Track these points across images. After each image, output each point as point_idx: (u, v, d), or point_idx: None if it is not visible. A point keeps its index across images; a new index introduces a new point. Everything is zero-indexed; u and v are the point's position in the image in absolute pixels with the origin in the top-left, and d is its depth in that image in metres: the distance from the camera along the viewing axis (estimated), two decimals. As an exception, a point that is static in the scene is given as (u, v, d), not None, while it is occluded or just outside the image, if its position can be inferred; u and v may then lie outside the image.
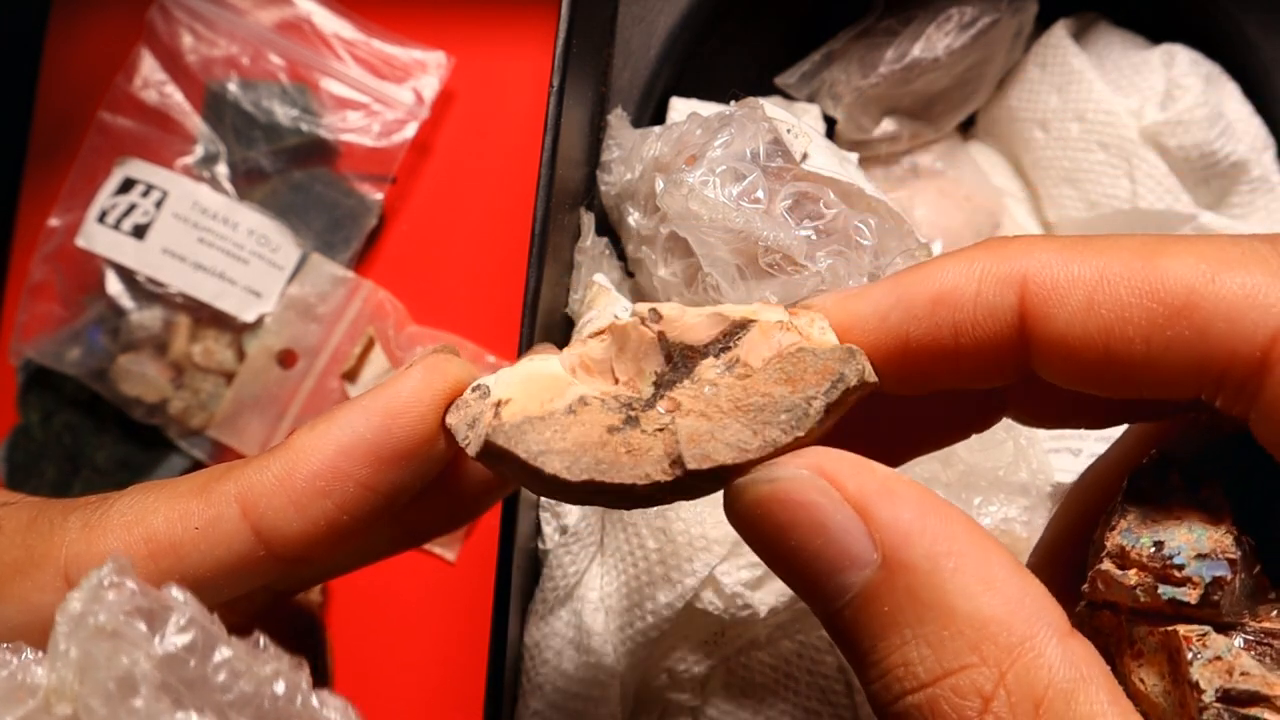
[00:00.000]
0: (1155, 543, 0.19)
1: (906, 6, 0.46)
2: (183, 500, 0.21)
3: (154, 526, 0.21)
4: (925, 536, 0.17)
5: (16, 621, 0.21)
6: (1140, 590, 0.18)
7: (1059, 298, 0.19)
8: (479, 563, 0.49)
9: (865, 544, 0.18)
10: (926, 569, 0.17)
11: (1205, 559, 0.18)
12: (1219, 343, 0.17)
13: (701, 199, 0.32)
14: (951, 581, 0.17)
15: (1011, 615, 0.17)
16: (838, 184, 0.32)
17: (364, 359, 0.50)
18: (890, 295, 0.20)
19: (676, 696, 0.37)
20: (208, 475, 0.22)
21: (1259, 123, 0.45)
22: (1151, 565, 0.18)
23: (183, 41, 0.52)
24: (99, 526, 0.21)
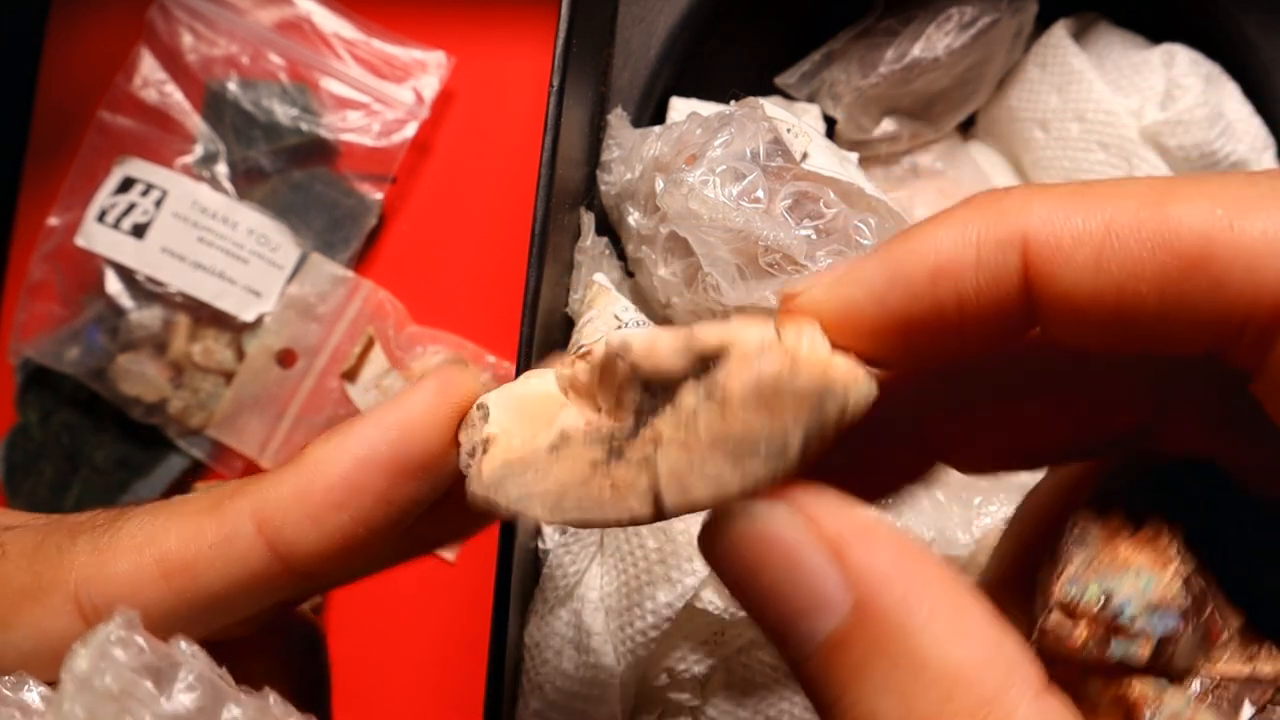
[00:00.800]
0: (1103, 593, 0.18)
1: (906, 6, 0.46)
2: (195, 518, 0.21)
3: (166, 546, 0.21)
4: (900, 583, 0.17)
5: (26, 648, 0.21)
6: (1089, 647, 0.18)
7: (1064, 256, 0.17)
8: (479, 563, 0.49)
9: (838, 588, 0.17)
10: (899, 617, 0.16)
11: (1155, 610, 0.17)
12: (1239, 293, 0.16)
13: (701, 199, 0.32)
14: (924, 631, 0.16)
15: (984, 670, 0.16)
16: (838, 184, 0.32)
17: (364, 359, 0.50)
18: (884, 273, 0.19)
19: (677, 696, 0.37)
20: (220, 493, 0.22)
21: (1259, 123, 0.45)
22: (1100, 619, 0.18)
23: (183, 41, 0.52)
24: (109, 549, 0.21)
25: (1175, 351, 0.18)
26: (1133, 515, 0.19)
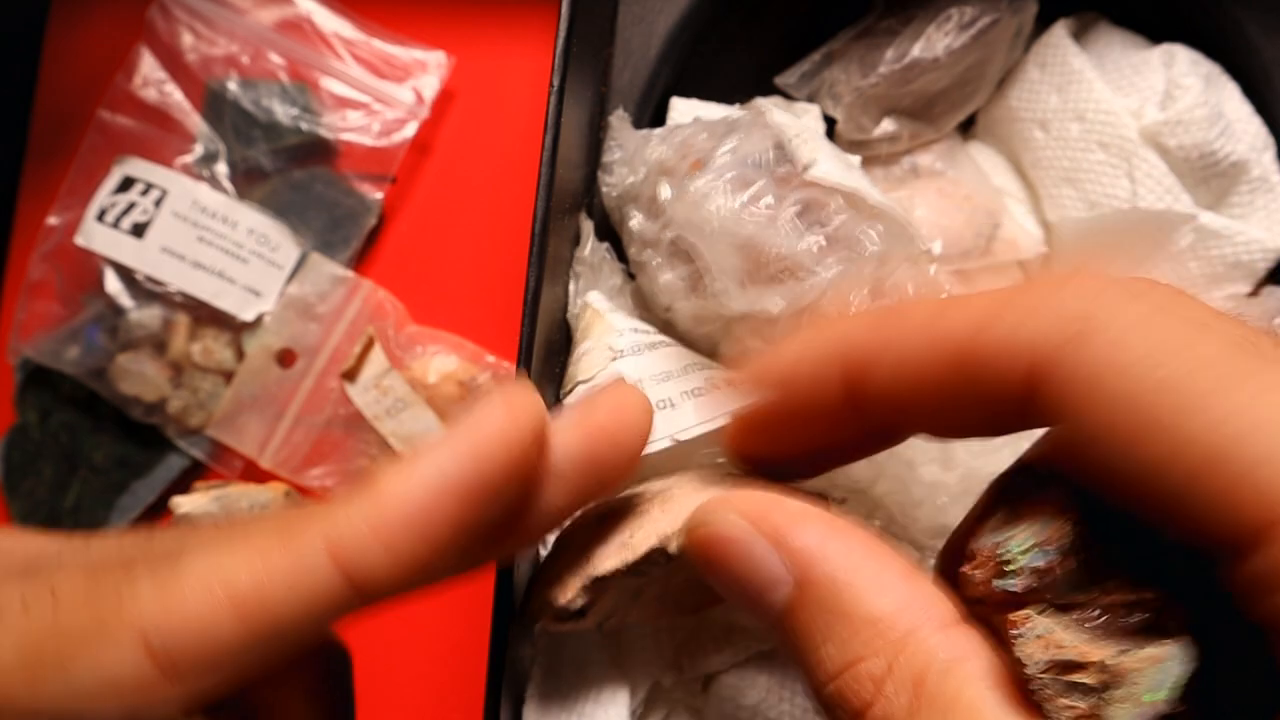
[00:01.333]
0: (995, 541, 0.21)
1: (906, 6, 0.46)
2: (265, 551, 0.21)
3: (238, 582, 0.20)
4: (828, 556, 0.21)
5: (91, 690, 0.20)
6: (982, 586, 0.21)
7: (872, 364, 0.22)
8: (479, 562, 0.49)
9: (780, 568, 0.21)
10: (829, 582, 0.21)
11: (1032, 550, 0.20)
12: (993, 385, 0.20)
13: (709, 207, 0.32)
14: (849, 590, 0.21)
15: (899, 613, 0.20)
16: (844, 191, 0.32)
17: (364, 359, 0.50)
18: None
19: (681, 697, 0.37)
20: (286, 521, 0.21)
21: (1259, 123, 0.45)
22: (990, 563, 0.21)
23: (182, 40, 0.52)
24: (175, 587, 0.20)
25: (989, 426, 0.22)
26: (1038, 481, 0.21)
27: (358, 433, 0.50)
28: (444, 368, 0.50)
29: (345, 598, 0.21)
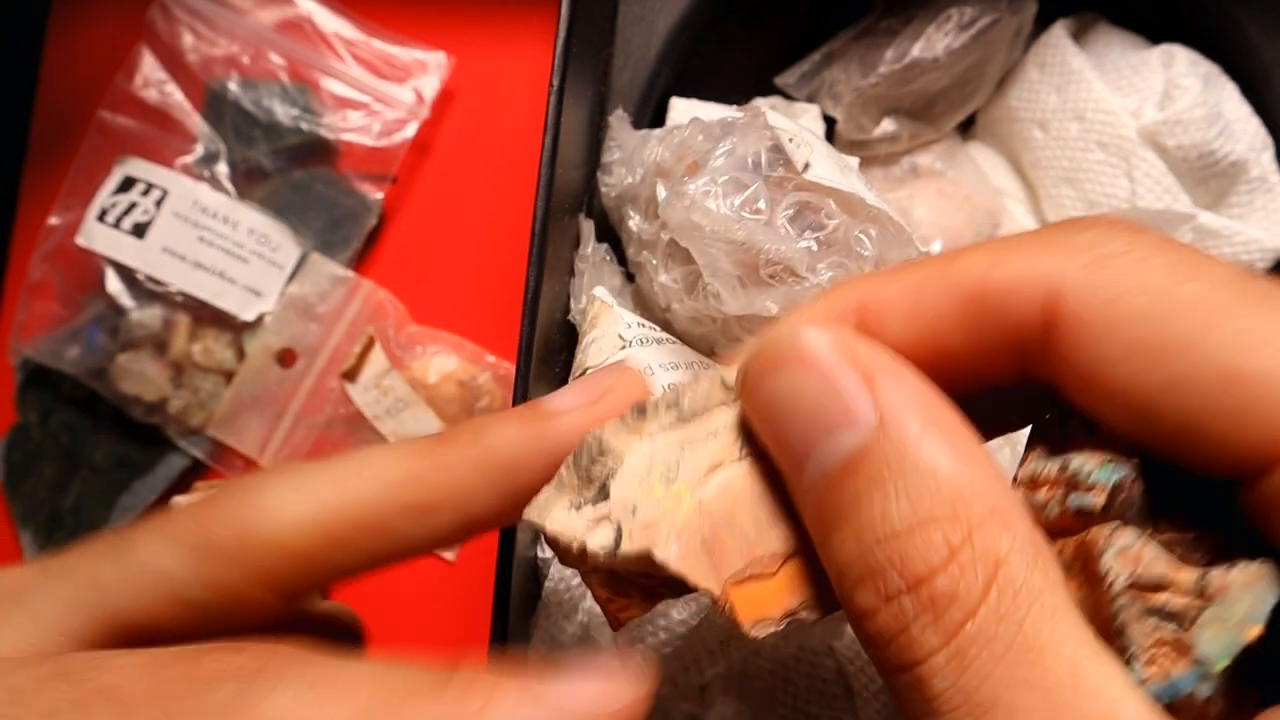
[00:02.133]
0: (1061, 463, 0.20)
1: (906, 6, 0.46)
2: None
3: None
4: (920, 407, 0.19)
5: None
6: (1053, 503, 0.20)
7: (886, 316, 0.21)
8: (478, 563, 0.49)
9: (867, 406, 0.19)
10: (917, 434, 0.19)
11: (1106, 465, 0.19)
12: (1010, 317, 0.20)
13: (703, 210, 0.32)
14: (938, 448, 0.18)
15: (987, 488, 0.18)
16: (839, 194, 0.32)
17: (364, 358, 0.50)
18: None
19: (679, 704, 0.37)
20: (381, 702, 0.19)
21: (1258, 123, 0.45)
22: (1059, 481, 0.20)
23: (183, 40, 0.52)
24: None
25: (997, 377, 0.21)
26: (1087, 424, 0.21)
27: (358, 432, 0.50)
28: (444, 368, 0.50)
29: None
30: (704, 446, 0.22)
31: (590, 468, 0.22)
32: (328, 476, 0.23)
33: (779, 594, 0.21)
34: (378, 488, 0.23)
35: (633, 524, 0.21)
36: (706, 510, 0.22)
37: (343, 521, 0.23)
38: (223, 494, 0.24)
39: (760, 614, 0.21)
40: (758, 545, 0.21)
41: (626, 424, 0.23)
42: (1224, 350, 0.18)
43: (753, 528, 0.22)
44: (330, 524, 0.23)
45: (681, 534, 0.21)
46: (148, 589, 0.23)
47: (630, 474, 0.22)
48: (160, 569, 0.23)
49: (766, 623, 0.21)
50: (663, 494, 0.22)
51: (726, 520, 0.22)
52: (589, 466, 0.22)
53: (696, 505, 0.22)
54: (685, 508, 0.22)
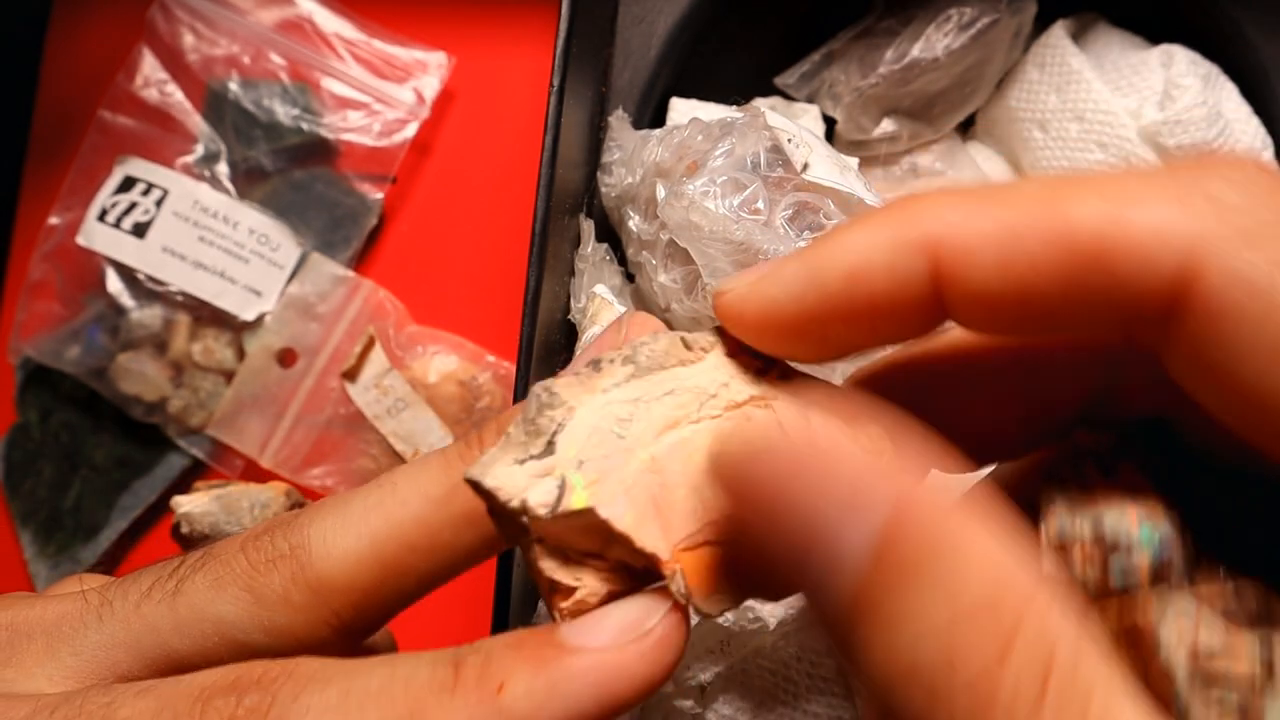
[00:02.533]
0: (1093, 523, 0.18)
1: (906, 6, 0.46)
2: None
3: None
4: (940, 486, 0.17)
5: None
6: (1091, 570, 0.18)
7: (970, 259, 0.18)
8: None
9: (883, 479, 0.17)
10: (941, 514, 0.16)
11: (1145, 524, 0.18)
12: (1132, 284, 0.17)
13: (702, 210, 0.32)
14: (966, 528, 0.16)
15: (1023, 569, 0.16)
16: (838, 194, 0.32)
17: (364, 358, 0.50)
18: (802, 275, 0.20)
19: (680, 703, 0.37)
20: (393, 718, 0.19)
21: (1258, 123, 0.45)
22: (1095, 545, 0.18)
23: (183, 40, 0.52)
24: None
25: (1087, 338, 0.19)
26: (1103, 466, 0.19)
27: (358, 432, 0.50)
28: (444, 367, 0.50)
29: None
30: (660, 404, 0.21)
31: (537, 418, 0.20)
32: (368, 504, 0.23)
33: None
34: (421, 506, 0.23)
35: (577, 478, 0.20)
36: (659, 468, 0.20)
37: (395, 547, 0.23)
38: (268, 536, 0.23)
39: (713, 586, 0.20)
40: (714, 508, 0.20)
41: (581, 378, 0.21)
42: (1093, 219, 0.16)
43: (708, 490, 0.20)
44: (382, 553, 0.23)
45: (630, 491, 0.20)
46: (205, 634, 0.22)
47: (579, 427, 0.20)
48: (215, 614, 0.22)
49: (720, 598, 0.20)
50: (612, 449, 0.20)
51: (680, 481, 0.20)
52: (535, 418, 0.20)
53: (648, 462, 0.20)
54: (636, 464, 0.20)
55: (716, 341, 0.22)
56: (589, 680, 0.19)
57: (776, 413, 0.21)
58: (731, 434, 0.19)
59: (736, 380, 0.21)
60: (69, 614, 0.23)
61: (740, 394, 0.21)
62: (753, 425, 0.20)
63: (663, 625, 0.19)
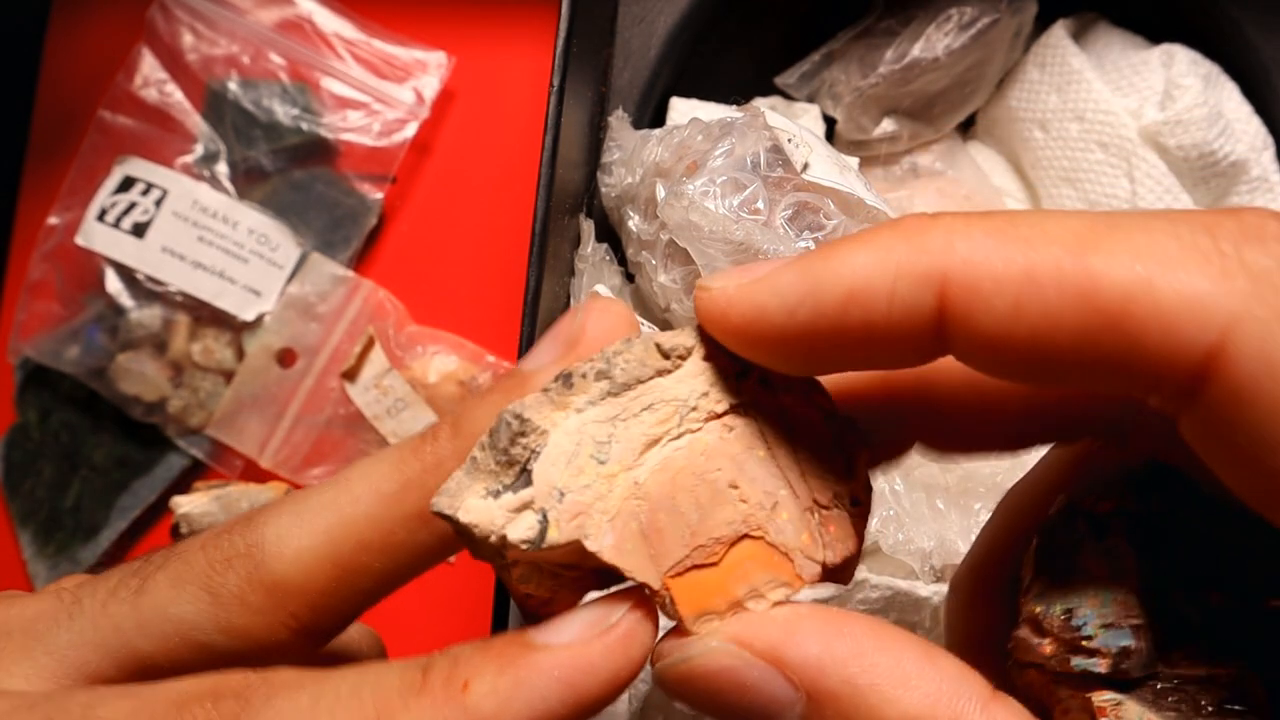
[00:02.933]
0: (1065, 611, 0.19)
1: (906, 6, 0.46)
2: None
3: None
4: (835, 663, 0.18)
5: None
6: (1055, 660, 0.19)
7: (982, 300, 0.17)
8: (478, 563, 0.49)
9: (785, 688, 0.18)
10: (847, 692, 0.18)
11: (1112, 629, 0.19)
12: (1155, 354, 0.16)
13: (702, 210, 0.32)
14: (871, 695, 0.18)
15: (934, 706, 0.18)
16: (838, 194, 0.32)
17: (364, 358, 0.50)
18: (798, 288, 0.19)
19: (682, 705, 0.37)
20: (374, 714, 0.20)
21: (1258, 123, 0.45)
22: (1063, 636, 0.19)
23: (183, 40, 0.52)
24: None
25: (1093, 395, 0.19)
26: (1095, 526, 0.20)
27: (358, 432, 0.50)
28: (444, 368, 0.50)
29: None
30: (639, 421, 0.20)
31: (509, 448, 0.19)
32: (321, 502, 0.23)
33: (723, 583, 0.20)
34: (373, 504, 0.22)
35: (560, 511, 0.19)
36: (643, 493, 0.20)
37: (349, 547, 0.22)
38: (227, 533, 0.23)
39: (703, 606, 0.20)
40: (700, 531, 0.20)
41: (551, 396, 0.20)
42: (1122, 278, 0.16)
43: (694, 511, 0.20)
44: (337, 553, 0.22)
45: (615, 521, 0.19)
46: (166, 634, 0.22)
47: (556, 454, 0.19)
48: (176, 615, 0.22)
49: (710, 618, 0.20)
50: (593, 476, 0.19)
51: (666, 504, 0.20)
52: (508, 447, 0.20)
53: (632, 488, 0.20)
54: (619, 491, 0.19)
55: (694, 344, 0.21)
56: (554, 676, 0.19)
57: (759, 423, 0.20)
58: (665, 640, 0.20)
59: (716, 389, 0.20)
60: (44, 613, 0.23)
61: (720, 404, 0.20)
62: (695, 657, 0.20)
63: (627, 620, 0.19)
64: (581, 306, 0.23)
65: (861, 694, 0.18)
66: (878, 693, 0.18)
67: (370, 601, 0.23)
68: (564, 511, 0.19)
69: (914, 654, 0.18)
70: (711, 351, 0.21)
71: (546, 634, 0.20)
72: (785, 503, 0.20)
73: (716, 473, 0.20)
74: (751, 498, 0.20)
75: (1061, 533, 0.20)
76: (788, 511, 0.20)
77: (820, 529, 0.20)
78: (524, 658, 0.19)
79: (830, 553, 0.20)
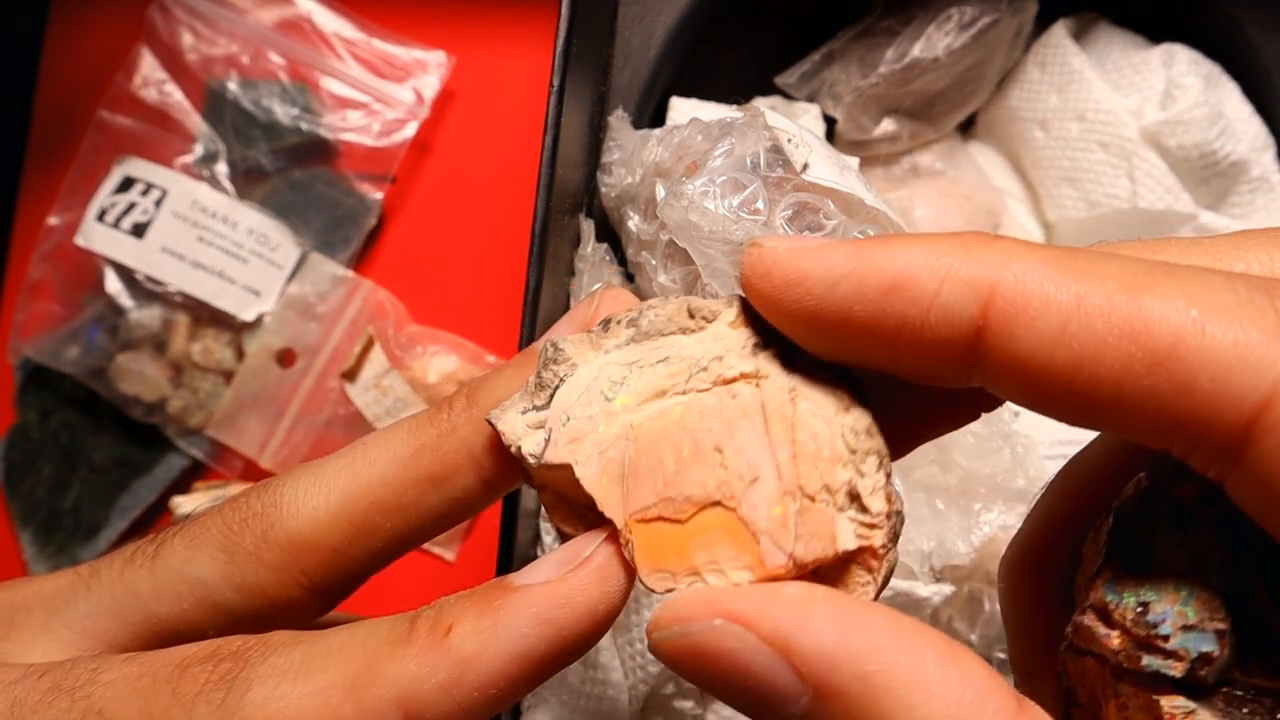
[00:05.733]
0: (1140, 604, 0.18)
1: (906, 6, 0.46)
2: (334, 704, 0.19)
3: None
4: (850, 657, 0.17)
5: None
6: (1122, 655, 0.18)
7: (1028, 320, 0.17)
8: (478, 562, 0.49)
9: (792, 680, 0.17)
10: (859, 691, 0.16)
11: (1192, 630, 0.17)
12: (1201, 401, 0.16)
13: (701, 211, 0.32)
14: (886, 698, 0.16)
15: (955, 717, 0.16)
16: (838, 194, 0.32)
17: (364, 358, 0.50)
18: (845, 264, 0.19)
19: (681, 704, 0.37)
20: (352, 672, 0.20)
21: (1259, 122, 0.45)
22: (1135, 631, 0.18)
23: (183, 40, 0.52)
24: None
25: (1127, 437, 0.18)
26: (1178, 514, 0.18)
27: (358, 432, 0.50)
28: (444, 368, 0.50)
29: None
30: (653, 371, 0.21)
31: (543, 373, 0.22)
32: (339, 465, 0.24)
33: (684, 544, 0.19)
34: (388, 466, 0.23)
35: (561, 433, 0.20)
36: (635, 435, 0.20)
37: (362, 506, 0.23)
38: (244, 497, 0.24)
39: (660, 562, 0.19)
40: (673, 484, 0.20)
41: (591, 336, 0.22)
42: (1174, 321, 0.16)
43: (673, 463, 0.20)
44: (351, 512, 0.23)
45: (604, 454, 0.20)
46: (181, 595, 0.23)
47: (575, 385, 0.21)
48: (191, 575, 0.23)
49: (665, 576, 0.19)
50: (598, 410, 0.21)
51: (650, 451, 0.20)
52: (542, 372, 0.22)
53: (626, 428, 0.20)
54: (615, 428, 0.20)
55: (721, 312, 0.21)
56: (530, 613, 0.19)
57: (762, 393, 0.20)
58: (665, 608, 0.19)
59: (732, 355, 0.20)
60: (63, 588, 0.24)
61: (731, 369, 0.20)
62: (683, 600, 0.19)
63: (599, 554, 0.20)
64: (596, 293, 0.24)
65: (875, 696, 0.16)
66: (894, 697, 0.16)
67: (379, 563, 0.24)
68: (564, 434, 0.20)
69: (937, 655, 0.17)
70: (741, 318, 0.21)
71: (524, 575, 0.20)
72: (766, 480, 0.19)
73: (706, 433, 0.20)
74: (732, 465, 0.19)
75: (1140, 516, 0.19)
76: (766, 489, 0.19)
77: (797, 517, 0.19)
78: (502, 599, 0.20)
79: (801, 547, 0.19)
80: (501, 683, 0.20)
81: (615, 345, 0.21)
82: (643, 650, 0.36)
